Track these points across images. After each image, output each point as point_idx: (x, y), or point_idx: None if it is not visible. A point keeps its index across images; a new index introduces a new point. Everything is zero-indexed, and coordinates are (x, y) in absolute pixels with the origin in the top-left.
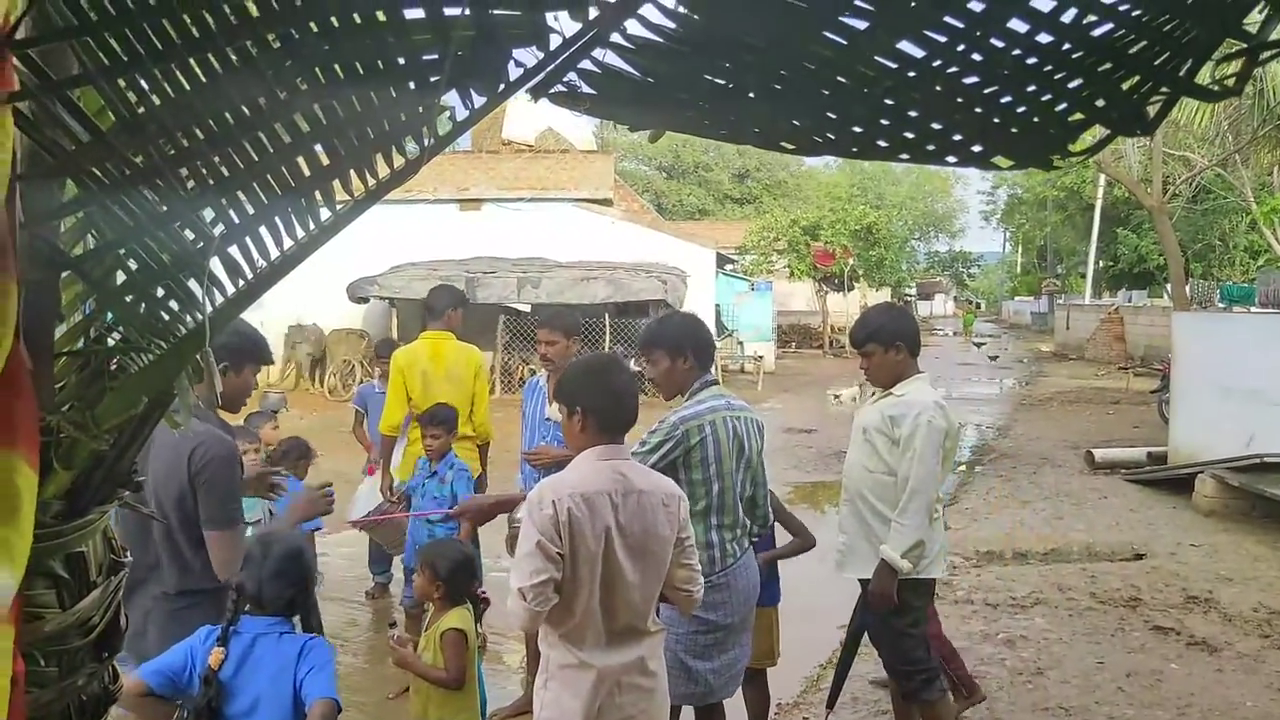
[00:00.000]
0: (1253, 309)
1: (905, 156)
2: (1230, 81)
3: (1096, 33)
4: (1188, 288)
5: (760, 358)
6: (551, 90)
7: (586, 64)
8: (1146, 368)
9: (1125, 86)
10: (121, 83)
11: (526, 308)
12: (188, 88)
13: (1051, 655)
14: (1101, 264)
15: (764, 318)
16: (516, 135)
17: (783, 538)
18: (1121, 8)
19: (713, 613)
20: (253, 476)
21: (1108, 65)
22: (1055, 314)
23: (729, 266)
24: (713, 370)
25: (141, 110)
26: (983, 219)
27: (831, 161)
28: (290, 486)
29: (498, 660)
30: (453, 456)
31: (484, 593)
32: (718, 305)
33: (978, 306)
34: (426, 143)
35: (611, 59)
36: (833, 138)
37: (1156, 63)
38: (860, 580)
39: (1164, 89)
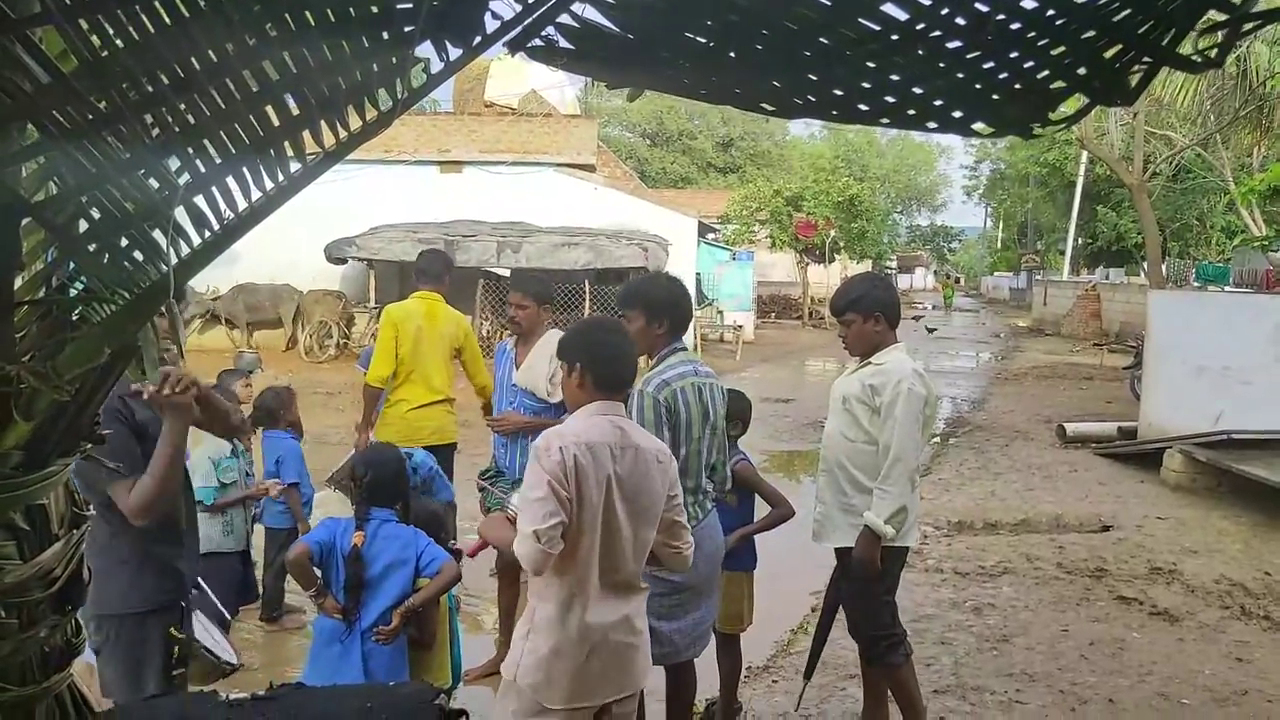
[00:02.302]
0: (1227, 288)
1: (886, 120)
2: (1212, 53)
3: (1079, 0)
4: (1164, 266)
5: (740, 327)
6: (529, 45)
7: (565, 18)
8: (1121, 344)
9: (1107, 55)
10: (84, 23)
11: (506, 272)
12: (153, 30)
13: (1018, 623)
14: (1080, 241)
15: (744, 287)
16: (499, 98)
17: (761, 509)
18: None
19: (676, 574)
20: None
21: (1090, 33)
22: (1033, 290)
23: (711, 235)
24: (685, 338)
25: (105, 53)
26: (965, 194)
27: (816, 132)
28: (282, 440)
29: (473, 622)
30: (428, 461)
31: (455, 545)
32: (699, 274)
33: (957, 281)
34: (400, 95)
35: (591, 14)
36: (814, 100)
37: (1139, 31)
38: (837, 550)
39: (1146, 58)
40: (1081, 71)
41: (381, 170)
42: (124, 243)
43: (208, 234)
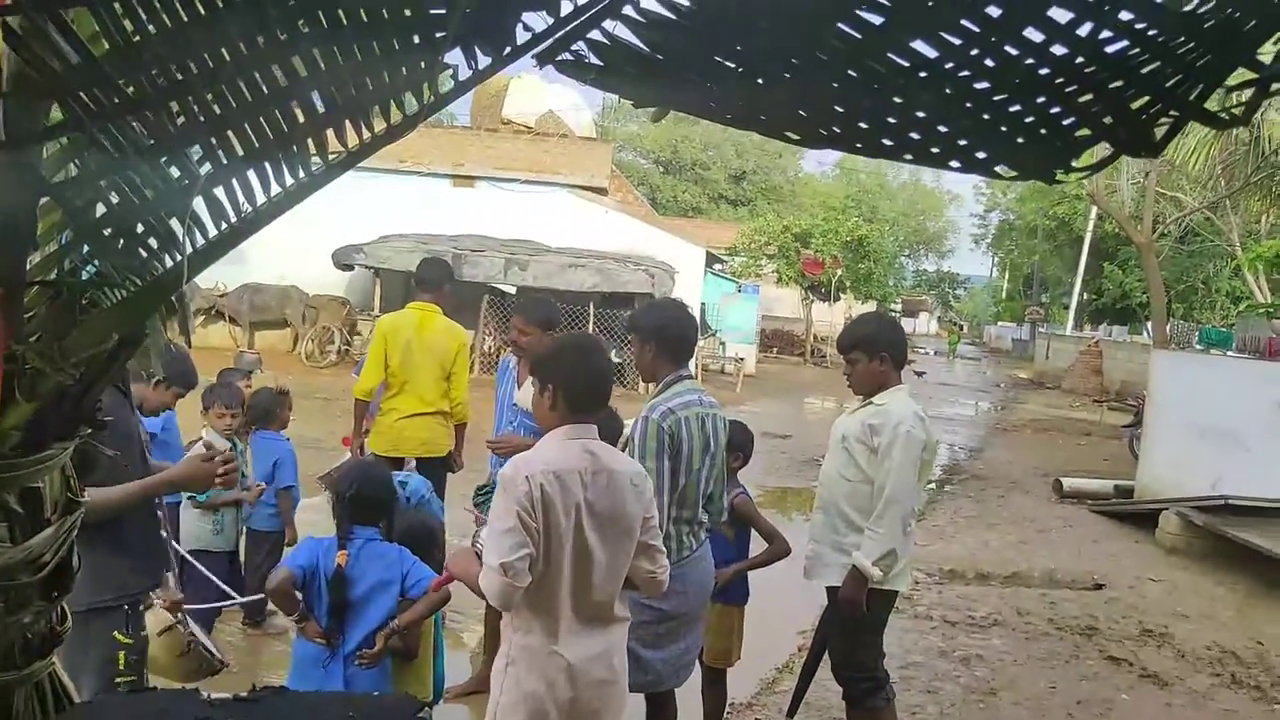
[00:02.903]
0: (1230, 353)
1: (909, 156)
2: (1238, 110)
3: (1110, 49)
4: (1168, 327)
5: (741, 360)
6: (558, 58)
7: (596, 34)
8: (1121, 402)
9: (1134, 106)
10: (118, 7)
11: (512, 289)
12: (186, 19)
13: (1006, 676)
14: (1086, 296)
15: (748, 320)
16: (517, 116)
17: (757, 544)
18: (1137, 26)
19: (665, 603)
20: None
21: (1119, 83)
22: (1036, 342)
23: (718, 266)
24: (690, 366)
25: (137, 38)
26: (973, 241)
27: (828, 171)
28: (276, 443)
29: (456, 640)
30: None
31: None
32: (703, 304)
33: (961, 328)
34: (425, 101)
35: (622, 31)
36: (838, 131)
37: (1168, 85)
38: (828, 589)
39: (1173, 112)
40: (1107, 120)
41: (394, 179)
42: (140, 229)
43: (224, 226)
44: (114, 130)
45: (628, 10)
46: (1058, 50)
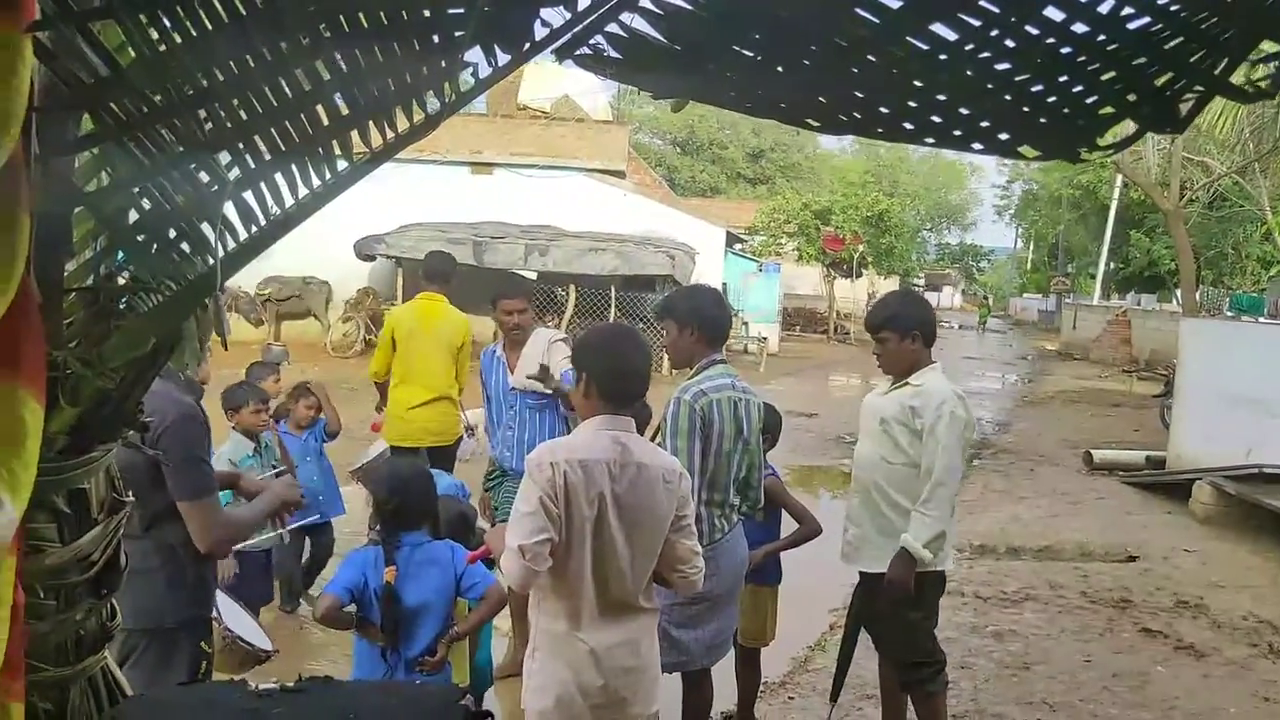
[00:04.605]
0: (1261, 319)
1: (931, 140)
2: (1264, 84)
3: (1133, 25)
4: (1198, 294)
5: (764, 339)
6: (577, 52)
7: (614, 27)
8: (1151, 372)
9: (1158, 82)
10: (143, 18)
11: (534, 275)
12: (210, 27)
13: (1039, 650)
14: (1112, 266)
15: (770, 299)
16: (532, 101)
17: (788, 524)
18: (1159, 2)
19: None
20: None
21: (1142, 60)
22: (1062, 313)
23: (738, 246)
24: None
25: (162, 48)
26: (996, 213)
27: (847, 146)
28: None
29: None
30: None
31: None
32: (725, 284)
33: (986, 300)
34: (447, 99)
35: (639, 24)
36: (859, 117)
37: (1191, 60)
38: (866, 574)
39: (1197, 87)
40: (1131, 98)
41: (413, 169)
42: (172, 234)
43: (254, 229)
44: (144, 139)
45: (644, 2)
46: (1079, 28)
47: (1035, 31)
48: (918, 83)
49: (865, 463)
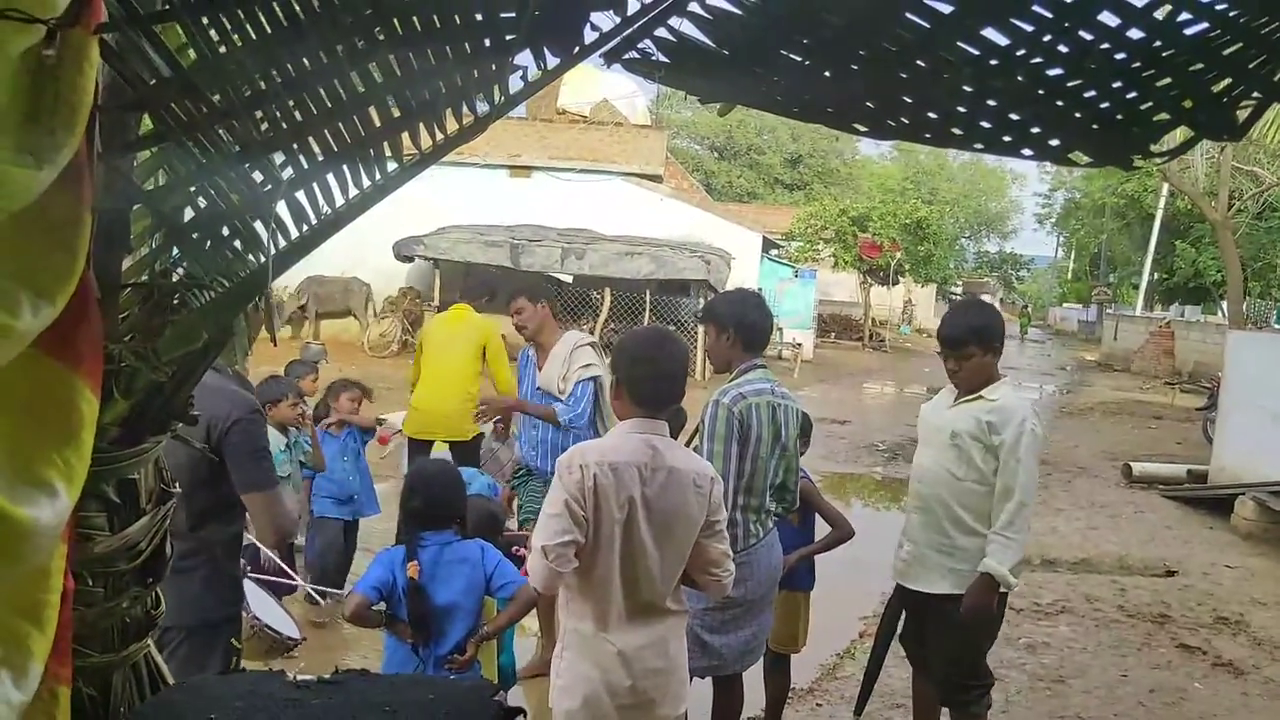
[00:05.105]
0: None
1: (980, 145)
2: None
3: (1189, 31)
4: (1244, 306)
5: (799, 345)
6: (625, 56)
7: (662, 32)
8: (1194, 384)
9: (1215, 89)
10: (205, 20)
11: (569, 278)
12: (268, 30)
13: (1074, 664)
14: (1156, 276)
15: (806, 306)
16: (572, 105)
17: (822, 529)
18: (1218, 6)
19: (734, 590)
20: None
21: (1199, 65)
22: (1104, 323)
23: (774, 252)
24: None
25: (222, 50)
26: (1037, 221)
27: (886, 152)
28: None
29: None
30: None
31: (519, 550)
32: (760, 289)
33: (1025, 309)
34: (496, 101)
35: (688, 29)
36: (907, 121)
37: (1250, 66)
38: (921, 593)
39: (1256, 94)
40: (1187, 104)
41: (452, 171)
42: (226, 232)
43: (305, 228)
44: (202, 138)
45: (693, 6)
46: (1134, 34)
47: (1089, 37)
48: (967, 88)
49: (929, 478)
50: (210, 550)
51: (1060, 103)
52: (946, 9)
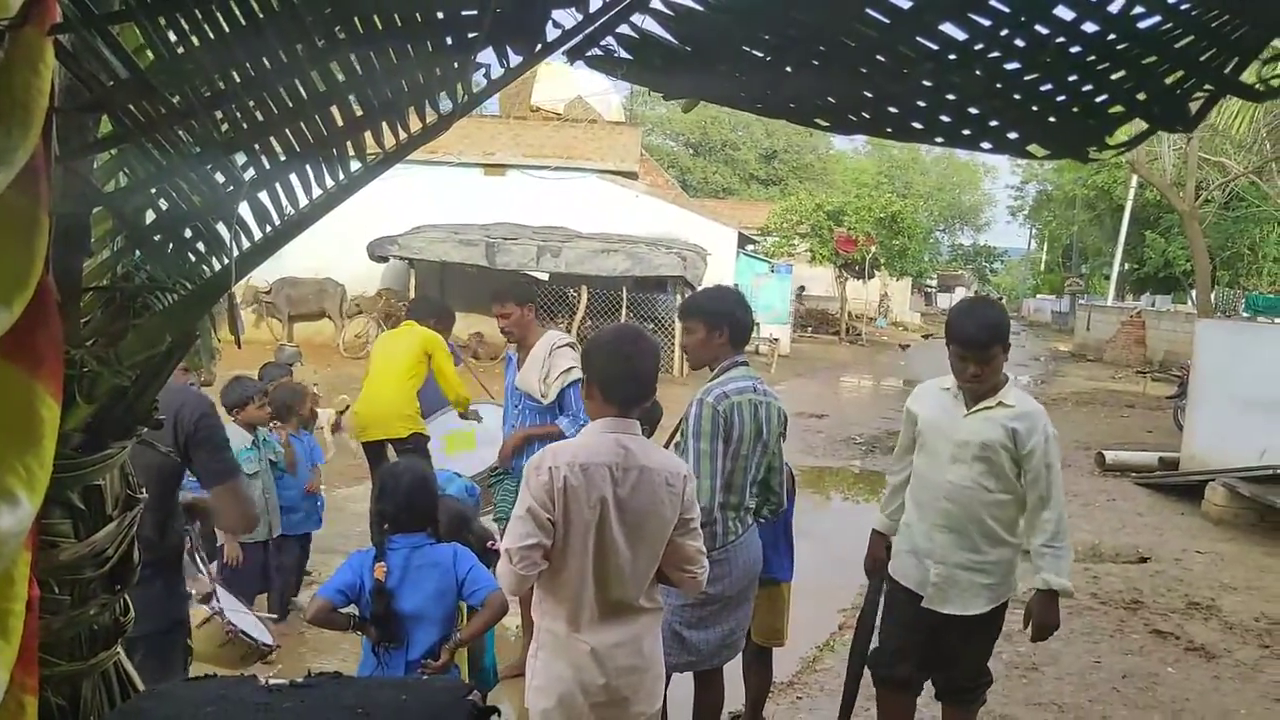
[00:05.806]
0: (1277, 320)
1: (940, 140)
2: (1275, 82)
3: (1143, 25)
4: (1213, 295)
5: (776, 340)
6: (588, 54)
7: (625, 29)
8: (1165, 373)
9: (1168, 81)
10: (162, 20)
11: (545, 276)
12: (227, 30)
13: (1048, 651)
14: (1127, 266)
15: (782, 300)
16: (545, 103)
17: (799, 519)
18: (1170, 1)
19: (711, 586)
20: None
21: (1152, 58)
22: (1076, 314)
23: (750, 247)
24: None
25: (180, 50)
26: (1010, 214)
27: (860, 147)
28: (302, 440)
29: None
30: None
31: (493, 545)
32: (736, 285)
33: (1003, 300)
34: (459, 99)
35: (650, 25)
36: (868, 116)
37: (1202, 58)
38: (952, 615)
39: (1207, 86)
40: (1141, 97)
41: (426, 171)
42: (188, 234)
43: (269, 229)
44: (161, 139)
45: (655, 3)
46: (1089, 28)
47: (1045, 31)
48: (927, 82)
49: (962, 496)
50: (170, 556)
51: (1018, 96)
52: (906, 4)
